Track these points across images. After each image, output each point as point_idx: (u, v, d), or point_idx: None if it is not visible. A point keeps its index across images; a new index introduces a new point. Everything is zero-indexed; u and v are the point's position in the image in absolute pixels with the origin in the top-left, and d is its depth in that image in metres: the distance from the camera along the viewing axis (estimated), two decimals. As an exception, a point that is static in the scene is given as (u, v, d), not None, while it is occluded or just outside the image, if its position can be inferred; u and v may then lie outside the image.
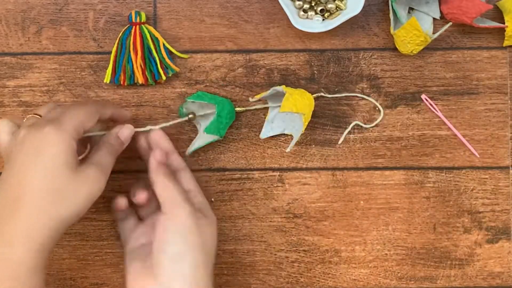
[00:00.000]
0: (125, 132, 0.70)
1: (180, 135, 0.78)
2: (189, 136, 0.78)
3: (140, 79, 0.76)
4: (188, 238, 0.66)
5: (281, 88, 0.73)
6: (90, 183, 0.63)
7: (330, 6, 0.75)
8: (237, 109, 0.77)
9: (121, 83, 0.76)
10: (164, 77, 0.76)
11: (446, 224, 0.78)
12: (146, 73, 0.76)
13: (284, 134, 0.78)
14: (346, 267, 0.78)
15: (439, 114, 0.78)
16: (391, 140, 0.78)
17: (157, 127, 0.72)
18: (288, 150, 0.75)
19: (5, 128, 0.65)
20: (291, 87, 0.77)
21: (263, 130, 0.77)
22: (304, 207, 0.78)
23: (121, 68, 0.76)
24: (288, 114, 0.73)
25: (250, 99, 0.76)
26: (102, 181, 0.64)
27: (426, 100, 0.78)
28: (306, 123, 0.72)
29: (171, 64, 0.76)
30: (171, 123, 0.74)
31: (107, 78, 0.76)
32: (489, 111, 0.78)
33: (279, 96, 0.75)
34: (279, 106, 0.74)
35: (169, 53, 0.77)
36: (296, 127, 0.76)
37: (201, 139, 0.76)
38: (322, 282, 0.78)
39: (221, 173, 0.78)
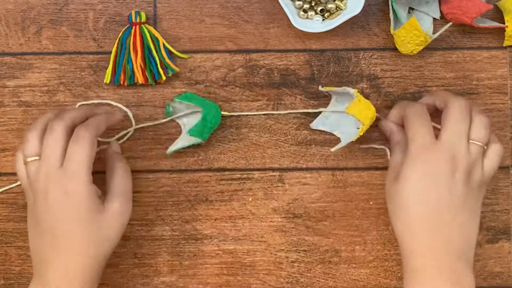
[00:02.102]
0: (115, 148, 0.74)
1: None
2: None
3: (140, 79, 0.76)
4: None
5: (353, 91, 0.73)
6: (119, 216, 0.67)
7: (330, 6, 0.75)
8: (223, 113, 0.76)
9: (121, 83, 0.76)
10: (164, 77, 0.76)
11: (446, 224, 0.78)
12: (146, 73, 0.76)
13: (283, 134, 0.78)
14: (346, 267, 0.78)
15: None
16: (391, 140, 0.78)
17: (137, 126, 0.77)
18: (333, 150, 0.75)
19: (20, 160, 0.69)
20: (291, 87, 0.77)
21: (316, 120, 0.77)
22: (304, 207, 0.78)
23: (121, 68, 0.76)
24: (344, 117, 0.73)
25: (320, 88, 0.76)
26: (129, 208, 0.69)
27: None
28: (361, 134, 0.72)
29: (171, 64, 0.76)
30: (156, 122, 0.76)
31: (107, 78, 0.76)
32: (489, 111, 0.78)
33: (345, 96, 0.75)
34: (339, 105, 0.74)
35: (169, 53, 0.77)
36: (346, 133, 0.76)
37: (184, 140, 0.75)
38: (322, 282, 0.78)
39: (221, 173, 0.78)
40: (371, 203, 0.78)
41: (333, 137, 0.78)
